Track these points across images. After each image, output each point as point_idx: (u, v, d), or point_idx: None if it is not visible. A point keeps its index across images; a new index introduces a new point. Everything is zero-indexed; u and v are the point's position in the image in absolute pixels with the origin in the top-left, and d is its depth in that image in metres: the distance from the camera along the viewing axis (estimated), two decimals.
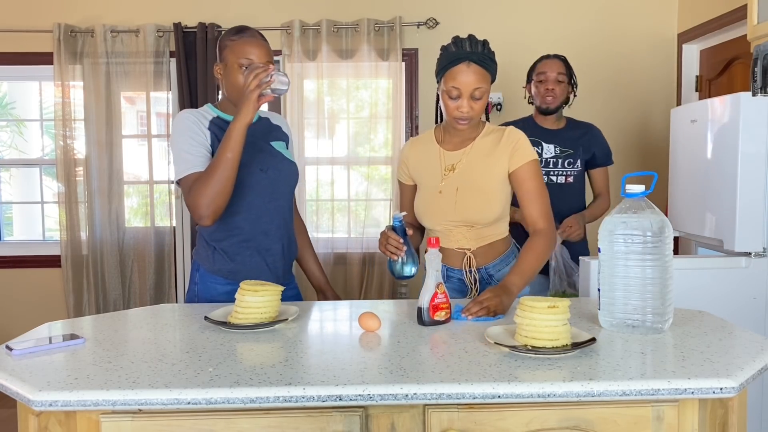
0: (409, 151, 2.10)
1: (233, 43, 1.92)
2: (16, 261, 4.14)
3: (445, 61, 1.88)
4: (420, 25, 3.96)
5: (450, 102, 1.89)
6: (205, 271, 2.01)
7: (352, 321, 1.75)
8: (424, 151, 2.06)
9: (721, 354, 1.38)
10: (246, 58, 1.90)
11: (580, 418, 1.26)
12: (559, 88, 2.73)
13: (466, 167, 1.97)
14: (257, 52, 1.92)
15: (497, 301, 1.71)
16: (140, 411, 1.24)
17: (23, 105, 4.42)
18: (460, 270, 2.03)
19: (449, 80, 1.87)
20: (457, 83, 1.86)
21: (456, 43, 1.88)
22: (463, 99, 1.87)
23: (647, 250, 1.53)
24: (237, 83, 1.90)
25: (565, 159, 2.75)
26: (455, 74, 1.86)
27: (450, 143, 2.02)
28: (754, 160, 2.42)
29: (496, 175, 1.95)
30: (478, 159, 1.97)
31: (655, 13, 4.00)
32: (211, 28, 3.91)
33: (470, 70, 1.85)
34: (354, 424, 1.25)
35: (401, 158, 2.13)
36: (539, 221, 1.93)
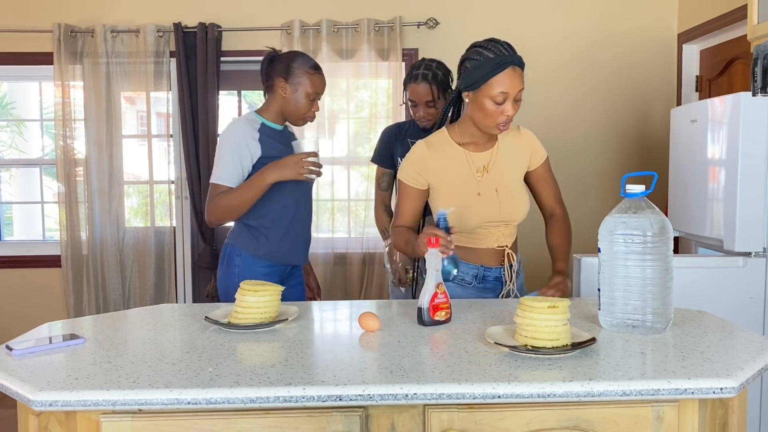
0: (428, 155, 1.99)
1: (311, 77, 2.26)
2: (16, 261, 4.14)
3: (489, 68, 1.84)
4: (420, 25, 3.96)
5: (493, 108, 1.87)
6: (249, 256, 2.27)
7: (352, 321, 1.75)
8: (446, 154, 2.00)
9: (721, 354, 1.38)
10: (316, 93, 2.28)
11: (580, 418, 1.26)
12: (431, 110, 2.57)
13: (498, 167, 2.00)
14: (322, 89, 2.32)
15: (567, 285, 1.91)
16: (140, 411, 1.24)
17: (23, 105, 4.42)
18: (498, 268, 2.04)
19: (496, 86, 1.84)
20: (506, 88, 1.84)
21: (492, 49, 1.86)
22: (509, 103, 1.87)
23: (647, 250, 1.53)
24: (300, 106, 2.27)
25: None
26: (503, 80, 1.84)
27: (472, 145, 2.00)
28: (754, 160, 2.42)
29: (521, 173, 2.08)
30: (506, 158, 2.03)
31: (655, 13, 4.00)
32: (211, 28, 3.91)
33: (516, 74, 1.85)
34: (354, 424, 1.25)
35: (411, 162, 2.02)
36: (557, 207, 2.16)
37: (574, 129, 4.02)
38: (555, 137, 4.04)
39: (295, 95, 2.25)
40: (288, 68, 2.24)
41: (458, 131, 2.02)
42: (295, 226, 2.32)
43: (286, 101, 2.26)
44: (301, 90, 2.24)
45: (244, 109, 4.30)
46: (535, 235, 2.76)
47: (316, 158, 2.19)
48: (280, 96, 2.27)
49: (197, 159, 3.97)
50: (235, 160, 2.19)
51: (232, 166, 2.19)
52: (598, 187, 4.02)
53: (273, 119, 2.30)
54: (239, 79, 4.18)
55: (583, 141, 4.02)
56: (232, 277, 2.27)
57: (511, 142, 2.05)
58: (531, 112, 4.02)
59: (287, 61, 2.25)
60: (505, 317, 1.71)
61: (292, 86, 2.25)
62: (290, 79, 2.24)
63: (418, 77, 2.55)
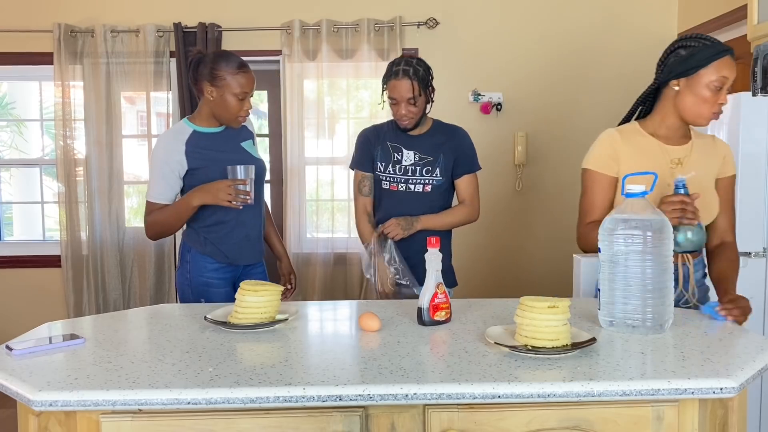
0: (619, 141, 1.95)
1: (236, 77, 2.22)
2: (16, 261, 4.14)
3: (710, 53, 1.81)
4: (420, 25, 3.96)
5: (709, 94, 1.84)
6: (197, 253, 2.32)
7: (352, 321, 1.75)
8: (638, 143, 1.96)
9: (721, 354, 1.38)
10: (244, 92, 2.24)
11: (580, 418, 1.26)
12: (413, 108, 2.43)
13: (693, 162, 1.93)
14: (250, 87, 2.27)
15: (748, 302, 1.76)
16: (140, 411, 1.24)
17: (23, 105, 4.42)
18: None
19: (718, 70, 1.81)
20: (726, 73, 1.82)
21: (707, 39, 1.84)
22: (724, 90, 1.85)
23: (647, 250, 1.53)
24: (230, 108, 2.23)
25: (423, 167, 2.50)
26: (724, 65, 1.82)
27: (666, 137, 1.96)
28: (754, 160, 2.43)
29: (713, 175, 1.96)
30: (701, 156, 1.95)
31: (655, 12, 4.00)
32: (211, 28, 3.91)
33: (733, 64, 1.84)
34: (354, 424, 1.25)
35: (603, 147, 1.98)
36: (728, 233, 1.98)
37: (574, 129, 4.02)
38: (555, 137, 4.05)
39: (222, 97, 2.21)
40: (211, 71, 2.21)
41: (651, 123, 1.98)
42: (239, 228, 2.32)
43: (215, 104, 2.23)
44: (227, 91, 2.21)
45: None
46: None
47: (245, 185, 2.15)
48: (209, 99, 2.24)
49: None
50: (163, 176, 2.23)
51: (160, 184, 2.24)
52: None
53: (206, 124, 2.29)
54: None
55: (583, 141, 4.00)
56: (184, 273, 2.33)
57: (705, 144, 1.98)
58: (531, 112, 4.03)
59: (211, 64, 2.22)
60: (505, 317, 1.71)
61: (218, 89, 2.21)
62: (215, 82, 2.21)
63: (399, 73, 2.42)
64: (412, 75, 2.42)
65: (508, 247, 4.06)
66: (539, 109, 4.03)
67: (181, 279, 2.35)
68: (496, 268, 4.07)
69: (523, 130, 4.01)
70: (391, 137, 2.55)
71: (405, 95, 2.41)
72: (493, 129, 3.97)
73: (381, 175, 2.53)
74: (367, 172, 2.57)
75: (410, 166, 2.51)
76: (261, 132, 4.38)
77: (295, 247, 3.99)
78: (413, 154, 2.52)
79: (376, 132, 2.61)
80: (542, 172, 4.05)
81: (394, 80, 2.44)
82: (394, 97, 2.44)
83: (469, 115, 3.94)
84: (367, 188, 2.58)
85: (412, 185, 2.51)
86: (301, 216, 4.01)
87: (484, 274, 4.08)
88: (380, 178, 2.53)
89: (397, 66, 2.45)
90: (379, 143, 2.55)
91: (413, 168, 2.51)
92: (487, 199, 4.07)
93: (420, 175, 2.51)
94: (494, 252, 4.08)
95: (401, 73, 2.42)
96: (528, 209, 4.05)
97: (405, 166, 2.52)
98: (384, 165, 2.52)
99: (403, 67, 2.43)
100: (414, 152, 2.52)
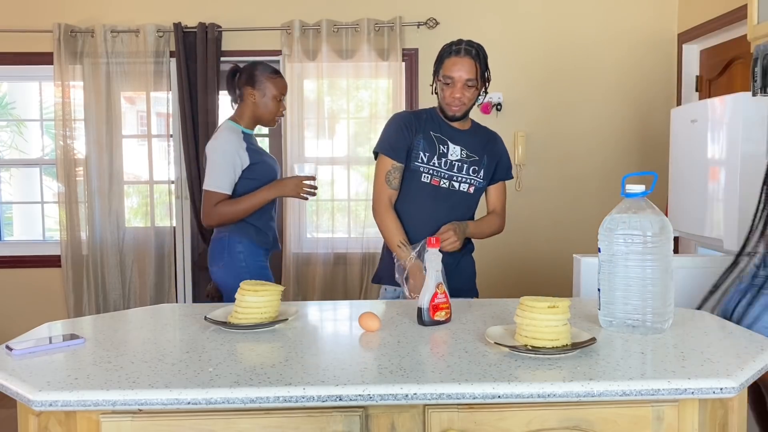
0: None
1: (274, 81, 2.55)
2: (16, 261, 4.14)
3: None
4: (420, 25, 3.96)
5: None
6: (250, 242, 2.55)
7: (352, 321, 1.75)
8: None
9: (721, 354, 1.38)
10: (282, 94, 2.58)
11: (580, 418, 1.26)
12: (468, 93, 2.24)
13: None
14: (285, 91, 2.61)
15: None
16: (140, 411, 1.24)
17: (23, 105, 4.42)
18: None
19: None
20: None
21: None
22: None
23: (647, 250, 1.53)
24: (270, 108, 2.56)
25: (470, 165, 2.33)
26: None
27: None
28: (754, 160, 2.42)
29: None
30: None
31: (655, 13, 4.00)
32: (211, 28, 3.91)
33: None
34: (354, 424, 1.25)
35: None
36: None
37: (574, 129, 4.02)
38: (555, 137, 4.05)
39: (263, 99, 2.54)
40: (252, 77, 2.53)
41: None
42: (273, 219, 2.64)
43: (257, 106, 2.55)
44: (268, 93, 2.53)
45: None
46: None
47: (313, 181, 2.51)
48: (251, 103, 2.55)
49: (197, 159, 3.97)
50: (230, 169, 2.47)
51: (227, 175, 2.47)
52: (598, 187, 4.02)
53: (247, 125, 2.57)
54: None
55: (583, 141, 4.02)
56: (236, 264, 2.51)
57: None
58: (531, 112, 4.03)
59: (250, 71, 2.54)
60: (505, 317, 1.71)
61: (259, 92, 2.53)
62: (256, 85, 2.53)
63: (461, 51, 2.21)
64: (475, 55, 2.22)
65: (508, 247, 4.05)
66: (539, 109, 4.03)
67: (229, 271, 2.51)
68: (495, 268, 4.06)
69: (523, 130, 4.01)
70: (435, 127, 2.32)
71: (464, 75, 2.20)
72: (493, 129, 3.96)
73: (422, 166, 2.29)
74: (400, 162, 2.30)
75: (456, 162, 2.31)
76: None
77: (295, 247, 3.99)
78: (460, 149, 2.32)
79: (416, 119, 2.34)
80: (542, 172, 4.05)
81: (454, 57, 2.22)
82: (451, 75, 2.21)
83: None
84: (397, 181, 2.31)
85: (457, 183, 2.31)
86: (301, 216, 4.01)
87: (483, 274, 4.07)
88: (420, 170, 2.29)
89: (458, 45, 2.24)
90: (421, 131, 2.30)
91: (459, 164, 2.31)
92: None
93: (466, 174, 2.32)
94: (494, 252, 4.08)
95: (463, 51, 2.22)
96: (528, 209, 4.05)
97: (451, 161, 2.31)
98: (428, 156, 2.29)
99: (465, 46, 2.23)
100: (461, 148, 2.32)
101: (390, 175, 2.30)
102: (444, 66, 2.23)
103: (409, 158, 2.30)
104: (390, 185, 2.30)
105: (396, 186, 2.30)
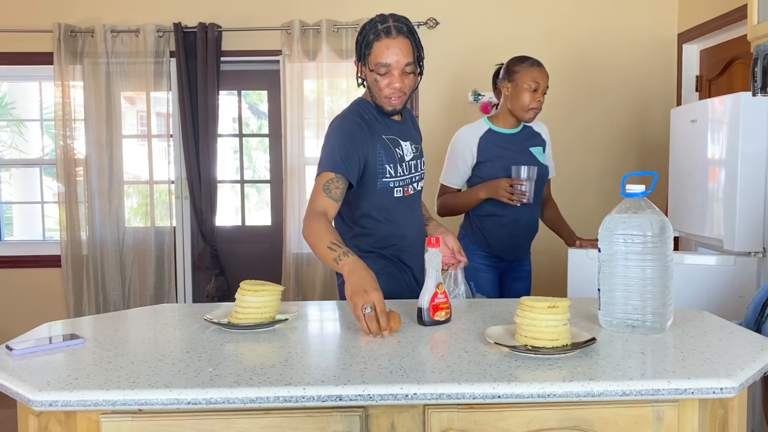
0: None
1: (528, 70, 2.46)
2: (16, 261, 4.14)
3: None
4: (420, 25, 3.96)
5: None
6: (469, 241, 2.59)
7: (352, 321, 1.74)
8: None
9: (721, 354, 1.38)
10: (536, 83, 2.45)
11: (580, 418, 1.26)
12: (407, 80, 1.88)
13: None
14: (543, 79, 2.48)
15: None
16: (140, 411, 1.24)
17: (23, 105, 4.42)
18: None
19: None
20: None
21: None
22: None
23: (647, 250, 1.53)
24: (522, 99, 2.47)
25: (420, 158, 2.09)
26: None
27: None
28: (754, 160, 2.42)
29: None
30: None
31: (655, 13, 4.00)
32: (211, 28, 3.91)
33: None
34: (354, 424, 1.25)
35: None
36: None
37: (574, 129, 4.02)
38: (555, 137, 4.04)
39: (516, 90, 2.48)
40: (507, 69, 2.51)
41: None
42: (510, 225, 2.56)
43: (509, 99, 2.51)
44: (520, 84, 2.46)
45: (244, 109, 4.30)
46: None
47: (523, 186, 2.40)
48: (505, 96, 2.52)
49: (197, 159, 3.97)
50: (457, 164, 2.55)
51: (453, 170, 2.57)
52: (598, 187, 4.02)
53: (502, 124, 2.56)
54: (239, 79, 4.18)
55: (583, 141, 4.02)
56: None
57: None
58: None
59: (507, 65, 2.52)
60: (505, 317, 1.71)
61: (512, 83, 2.49)
62: (510, 77, 2.49)
63: (391, 31, 1.83)
64: (408, 32, 1.85)
65: None
66: None
67: None
68: None
69: None
70: (383, 128, 1.96)
71: (402, 59, 1.82)
72: None
73: (392, 181, 1.95)
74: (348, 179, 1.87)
75: (411, 162, 2.01)
76: (261, 132, 4.38)
77: (295, 247, 3.99)
78: (409, 144, 2.01)
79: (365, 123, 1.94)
80: None
81: (385, 39, 1.82)
82: (385, 62, 1.83)
83: (469, 115, 3.94)
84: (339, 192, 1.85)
85: (416, 183, 2.04)
86: (301, 216, 4.01)
87: None
88: (390, 185, 1.95)
89: (384, 23, 1.83)
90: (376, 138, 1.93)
91: (415, 163, 2.02)
92: None
93: (418, 170, 2.05)
94: None
95: (395, 31, 1.82)
96: None
97: (408, 162, 1.99)
98: (393, 166, 1.95)
99: (394, 24, 1.83)
100: (409, 143, 2.01)
101: (331, 185, 1.83)
102: (374, 52, 1.84)
103: (372, 175, 1.93)
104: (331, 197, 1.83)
105: (337, 197, 1.83)
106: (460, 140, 2.56)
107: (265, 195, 4.33)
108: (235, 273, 4.15)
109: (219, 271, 4.09)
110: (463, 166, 2.55)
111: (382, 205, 1.96)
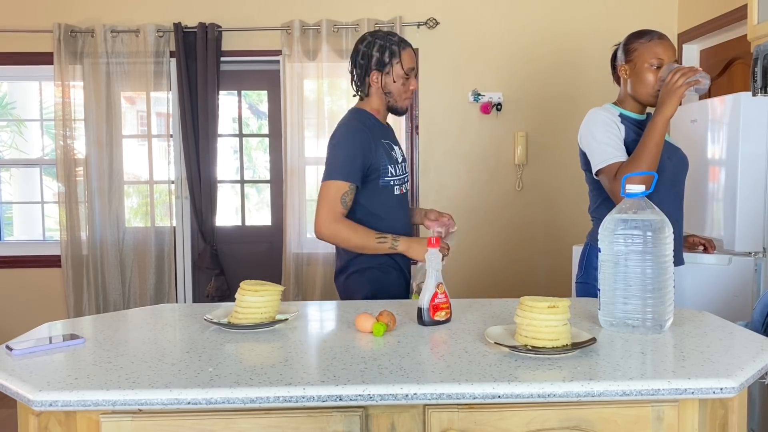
0: None
1: (643, 46, 2.06)
2: (16, 261, 4.14)
3: None
4: (420, 25, 3.96)
5: None
6: None
7: (352, 321, 1.74)
8: None
9: (721, 354, 1.38)
10: (657, 59, 2.04)
11: (580, 418, 1.26)
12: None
13: None
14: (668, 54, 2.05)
15: None
16: (140, 411, 1.24)
17: (23, 105, 4.42)
18: None
19: None
20: None
21: None
22: None
23: (647, 250, 1.53)
24: (648, 82, 2.05)
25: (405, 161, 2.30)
26: None
27: None
28: (754, 160, 2.43)
29: None
30: None
31: (655, 13, 4.00)
32: (211, 28, 3.91)
33: None
34: (354, 424, 1.25)
35: None
36: None
37: (574, 129, 4.01)
38: (555, 137, 4.05)
39: (635, 71, 2.08)
40: (624, 47, 2.11)
41: None
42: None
43: (630, 83, 2.10)
44: (639, 64, 2.06)
45: (244, 109, 4.30)
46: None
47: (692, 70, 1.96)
48: (625, 80, 2.12)
49: (197, 159, 3.97)
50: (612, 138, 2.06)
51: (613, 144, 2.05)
52: None
53: (630, 108, 2.14)
54: (239, 79, 4.18)
55: None
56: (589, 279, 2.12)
57: None
58: (531, 112, 4.03)
59: (624, 43, 2.12)
60: (505, 317, 1.71)
61: (631, 64, 2.09)
62: (628, 56, 2.09)
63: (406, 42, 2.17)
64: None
65: (508, 246, 4.06)
66: (539, 109, 4.03)
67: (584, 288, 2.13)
68: (496, 268, 4.06)
69: (523, 130, 4.01)
70: (381, 133, 2.17)
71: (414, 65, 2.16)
72: (493, 129, 3.97)
73: (393, 179, 2.16)
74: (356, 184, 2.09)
75: (401, 164, 2.22)
76: (261, 132, 4.38)
77: (295, 247, 3.99)
78: (398, 149, 2.24)
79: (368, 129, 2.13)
80: (542, 172, 4.05)
81: (409, 48, 2.15)
82: (412, 66, 2.15)
83: (469, 115, 3.95)
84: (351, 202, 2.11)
85: (406, 184, 2.26)
86: (301, 216, 4.01)
87: (484, 274, 4.08)
88: (391, 183, 2.15)
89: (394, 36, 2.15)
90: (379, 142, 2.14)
91: (403, 166, 2.23)
92: (487, 198, 4.07)
93: (406, 172, 2.26)
94: (494, 252, 4.08)
95: (406, 43, 2.16)
96: (528, 209, 4.05)
97: (399, 163, 2.21)
98: (393, 166, 2.17)
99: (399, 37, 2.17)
100: (398, 147, 2.25)
101: (346, 196, 2.07)
102: (404, 59, 2.12)
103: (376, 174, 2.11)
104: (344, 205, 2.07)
105: (349, 206, 2.09)
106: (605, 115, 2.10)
107: (265, 195, 4.33)
108: (235, 273, 4.16)
109: (219, 271, 4.09)
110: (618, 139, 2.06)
111: (383, 202, 2.15)
